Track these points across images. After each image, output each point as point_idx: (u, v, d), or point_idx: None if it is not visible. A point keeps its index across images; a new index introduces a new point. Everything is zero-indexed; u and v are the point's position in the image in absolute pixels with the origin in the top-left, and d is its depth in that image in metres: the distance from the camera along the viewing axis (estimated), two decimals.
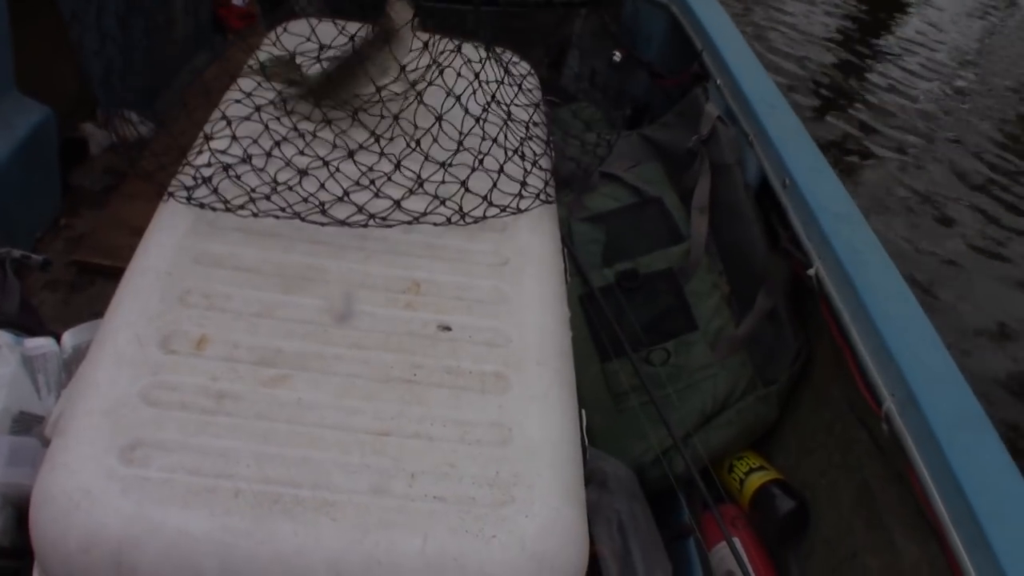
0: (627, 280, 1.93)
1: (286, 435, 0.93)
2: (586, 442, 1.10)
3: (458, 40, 1.35)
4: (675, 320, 1.90)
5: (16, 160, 2.03)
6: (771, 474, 1.79)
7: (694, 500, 1.74)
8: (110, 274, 2.08)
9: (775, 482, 1.77)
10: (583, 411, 1.11)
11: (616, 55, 2.74)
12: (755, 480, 1.78)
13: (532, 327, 1.11)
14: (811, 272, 1.69)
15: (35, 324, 1.52)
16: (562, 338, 1.14)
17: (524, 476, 0.93)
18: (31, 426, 1.27)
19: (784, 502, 1.74)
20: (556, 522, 0.92)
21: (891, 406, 1.41)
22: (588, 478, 1.51)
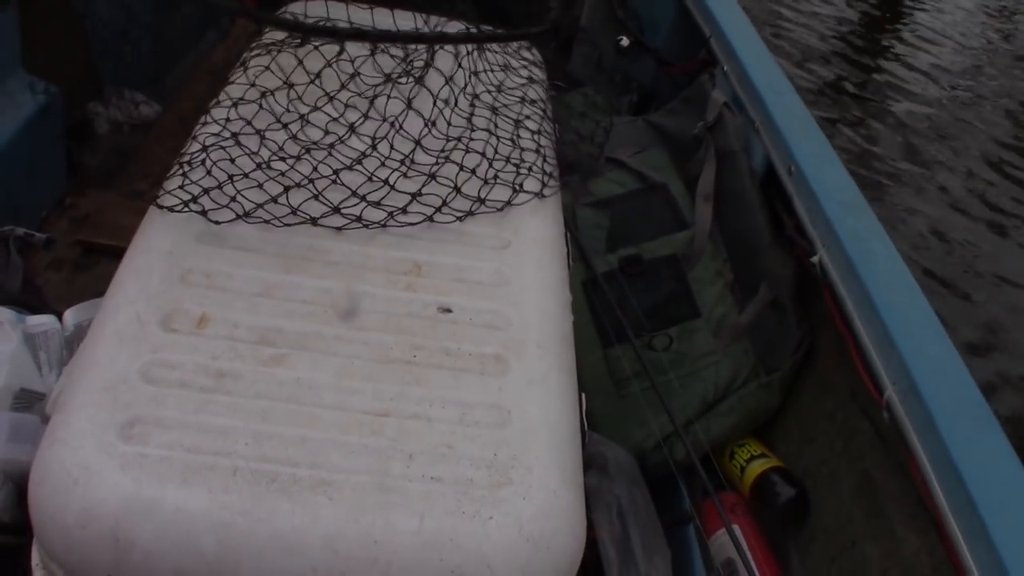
0: (631, 266, 1.92)
1: (285, 414, 0.93)
2: (586, 426, 1.10)
3: (465, 24, 1.35)
4: (678, 307, 1.89)
5: (22, 139, 2.03)
6: (772, 462, 1.78)
7: (695, 487, 1.73)
8: (115, 254, 2.05)
9: (776, 470, 1.77)
10: (583, 395, 1.11)
11: (623, 41, 2.71)
12: (756, 467, 1.77)
13: (533, 310, 1.11)
14: (815, 260, 1.68)
15: (38, 302, 1.52)
16: (563, 321, 1.14)
17: (522, 458, 0.93)
18: (32, 403, 1.28)
19: (785, 490, 1.73)
20: (553, 504, 0.92)
21: (893, 395, 1.41)
22: (588, 463, 1.52)
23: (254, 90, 1.30)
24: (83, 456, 0.87)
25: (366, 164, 1.24)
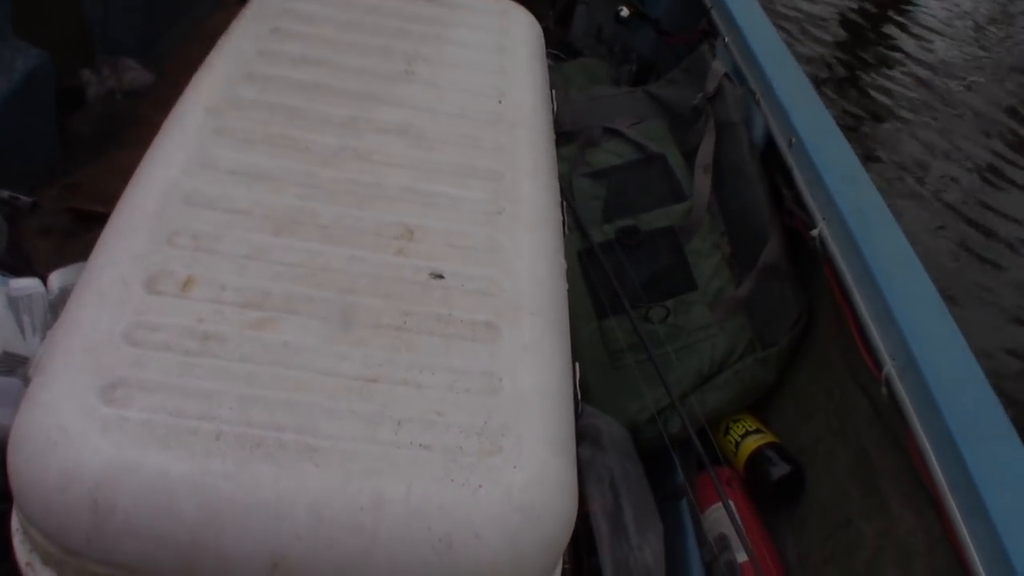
0: (627, 237, 1.90)
1: (271, 378, 0.91)
2: (579, 395, 1.08)
3: None
4: (674, 279, 1.87)
5: (12, 105, 1.99)
6: (767, 438, 1.77)
7: (688, 461, 1.72)
8: (105, 222, 2.05)
9: (771, 446, 1.75)
10: (577, 364, 1.09)
11: (623, 11, 2.68)
12: (751, 443, 1.76)
13: (526, 277, 1.09)
14: (815, 233, 1.66)
15: (23, 266, 1.50)
16: (557, 289, 1.11)
17: (513, 426, 0.91)
18: (15, 367, 1.26)
19: (780, 466, 1.72)
20: (544, 473, 0.90)
21: (891, 370, 1.39)
22: (581, 435, 1.50)
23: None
24: (63, 418, 0.84)
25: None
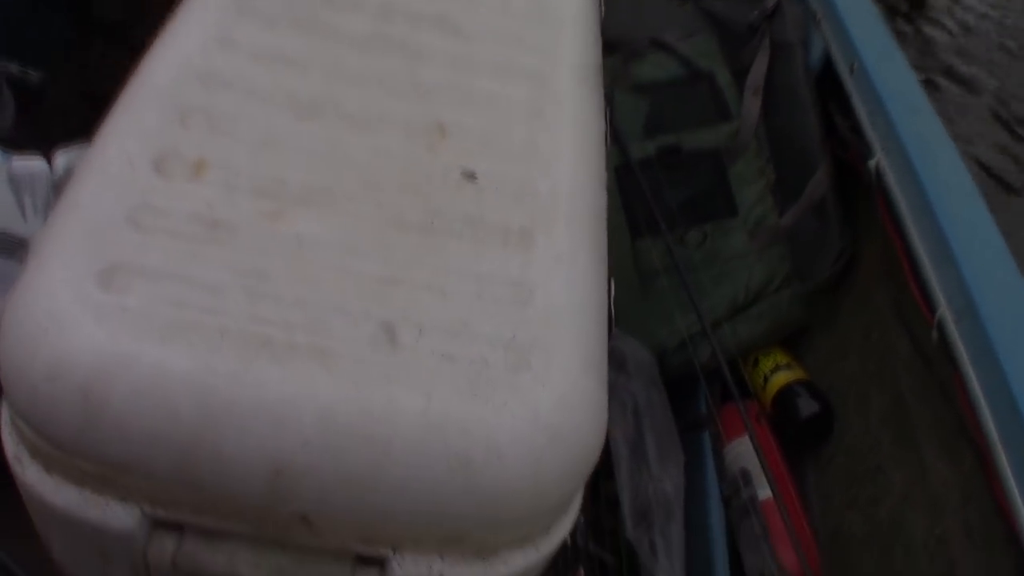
0: (668, 155, 1.80)
1: (284, 273, 0.83)
2: (613, 314, 1.00)
3: None
4: (714, 203, 1.79)
5: None
6: (798, 374, 1.71)
7: (713, 392, 1.66)
8: None
9: (801, 382, 1.69)
10: (612, 280, 1.01)
11: None
12: (780, 378, 1.70)
13: (565, 183, 1.00)
14: (872, 163, 1.56)
15: (29, 143, 1.42)
16: (597, 199, 1.02)
17: (543, 342, 0.83)
18: (14, 249, 1.18)
19: (808, 404, 1.67)
20: (574, 395, 0.82)
21: (946, 313, 1.30)
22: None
23: None
24: (56, 304, 0.77)
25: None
